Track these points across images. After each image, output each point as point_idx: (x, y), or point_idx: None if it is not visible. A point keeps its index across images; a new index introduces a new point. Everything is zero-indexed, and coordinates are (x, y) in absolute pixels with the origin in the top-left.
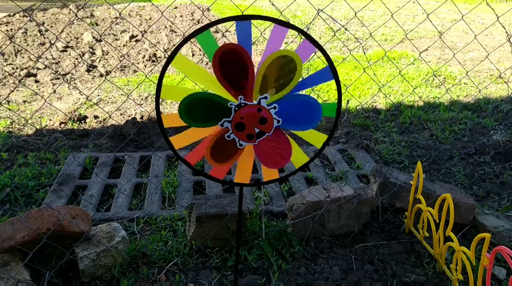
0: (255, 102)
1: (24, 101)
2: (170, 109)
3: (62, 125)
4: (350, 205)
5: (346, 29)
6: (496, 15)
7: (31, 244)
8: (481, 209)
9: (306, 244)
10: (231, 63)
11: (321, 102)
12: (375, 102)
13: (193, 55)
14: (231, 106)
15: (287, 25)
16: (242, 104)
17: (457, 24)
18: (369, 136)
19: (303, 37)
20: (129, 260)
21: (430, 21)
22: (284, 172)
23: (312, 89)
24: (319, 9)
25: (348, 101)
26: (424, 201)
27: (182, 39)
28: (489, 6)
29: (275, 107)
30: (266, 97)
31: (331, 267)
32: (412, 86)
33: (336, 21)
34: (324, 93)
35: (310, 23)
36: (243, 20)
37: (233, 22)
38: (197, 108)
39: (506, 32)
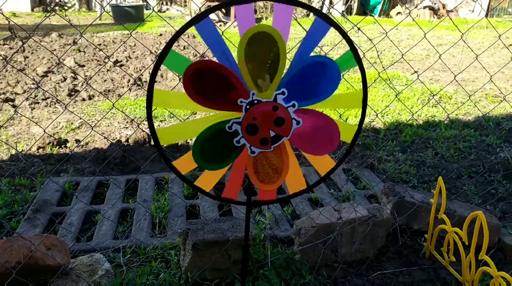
0: (270, 99)
1: (0, 126)
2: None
3: (40, 150)
4: (364, 228)
5: (358, 28)
6: (498, 33)
7: None
8: (506, 230)
9: (317, 273)
10: (207, 81)
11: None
12: (373, 121)
13: None
14: (241, 104)
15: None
16: (255, 102)
17: (444, 49)
18: (371, 155)
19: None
20: None
21: (428, 41)
22: (285, 193)
23: None
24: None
25: (345, 119)
26: (448, 221)
27: (174, 33)
28: (492, 25)
29: (294, 105)
30: (283, 93)
31: None
32: (410, 111)
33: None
34: None
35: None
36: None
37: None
38: (213, 147)
39: (508, 49)
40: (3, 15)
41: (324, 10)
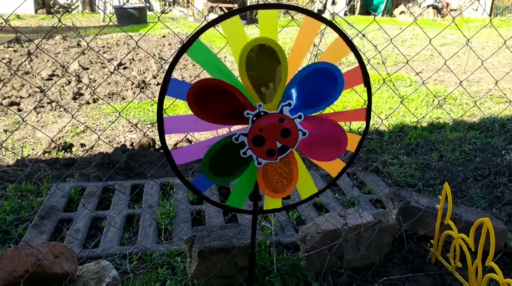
0: (276, 111)
1: (6, 131)
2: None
3: (46, 154)
4: (370, 234)
5: (363, 35)
6: (503, 38)
7: None
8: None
9: (323, 279)
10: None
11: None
12: (376, 124)
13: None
14: (248, 116)
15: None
16: (262, 113)
17: (448, 49)
18: (376, 158)
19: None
20: None
21: (433, 46)
22: (289, 198)
23: None
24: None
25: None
26: (455, 227)
27: (214, 19)
28: (495, 28)
29: (300, 117)
30: (289, 104)
31: None
32: (415, 116)
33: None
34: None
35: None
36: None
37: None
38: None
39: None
40: (9, 25)
41: (325, 11)
